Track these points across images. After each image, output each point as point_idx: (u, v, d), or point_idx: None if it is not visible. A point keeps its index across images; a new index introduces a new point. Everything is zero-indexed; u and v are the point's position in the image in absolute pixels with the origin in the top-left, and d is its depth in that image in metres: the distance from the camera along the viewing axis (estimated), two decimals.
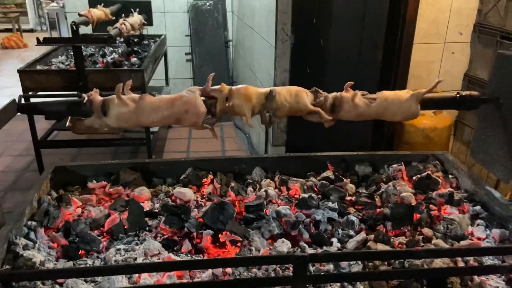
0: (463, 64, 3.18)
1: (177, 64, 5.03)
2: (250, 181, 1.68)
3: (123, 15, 3.53)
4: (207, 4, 4.83)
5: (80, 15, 3.06)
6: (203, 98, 1.32)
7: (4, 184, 3.36)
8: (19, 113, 1.34)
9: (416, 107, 1.38)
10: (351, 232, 1.37)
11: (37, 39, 2.72)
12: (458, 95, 1.44)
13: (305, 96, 1.36)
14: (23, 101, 1.44)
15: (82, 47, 2.95)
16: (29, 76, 2.96)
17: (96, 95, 1.30)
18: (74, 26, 2.76)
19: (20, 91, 2.95)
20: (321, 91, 1.38)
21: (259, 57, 3.62)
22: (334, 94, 1.39)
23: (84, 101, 1.29)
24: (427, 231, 1.39)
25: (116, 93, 1.28)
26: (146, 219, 1.45)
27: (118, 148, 3.97)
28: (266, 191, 1.59)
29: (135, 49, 3.74)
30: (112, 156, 3.86)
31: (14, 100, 1.34)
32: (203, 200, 1.58)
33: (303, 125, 1.46)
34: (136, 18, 3.66)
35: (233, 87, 1.34)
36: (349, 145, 2.88)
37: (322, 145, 2.20)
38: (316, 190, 1.64)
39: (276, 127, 3.13)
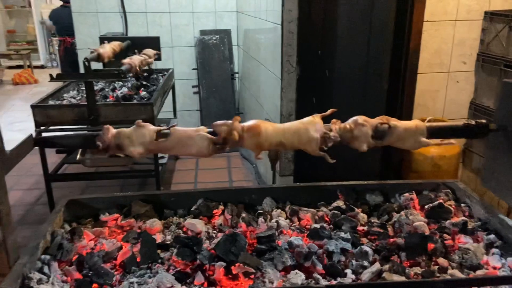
0: (468, 92, 3.21)
1: (184, 96, 5.11)
2: (261, 211, 1.68)
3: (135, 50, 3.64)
4: (214, 38, 4.95)
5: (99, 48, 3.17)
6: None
7: (13, 218, 3.35)
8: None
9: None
10: (365, 263, 1.35)
11: (50, 75, 2.79)
12: (466, 124, 1.45)
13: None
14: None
15: (93, 82, 3.02)
16: (41, 111, 3.01)
17: None
18: (86, 62, 2.84)
19: (30, 126, 3.01)
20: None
21: (265, 88, 3.68)
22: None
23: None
24: (442, 261, 1.37)
25: None
26: (158, 251, 1.45)
27: (126, 180, 3.98)
28: (277, 221, 1.59)
29: (144, 83, 3.82)
30: (121, 188, 3.87)
31: (31, 134, 1.37)
32: (214, 231, 1.58)
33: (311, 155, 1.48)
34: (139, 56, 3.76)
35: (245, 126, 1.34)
36: (356, 174, 2.87)
37: (330, 174, 2.20)
38: (328, 220, 1.63)
39: (284, 157, 3.14)
